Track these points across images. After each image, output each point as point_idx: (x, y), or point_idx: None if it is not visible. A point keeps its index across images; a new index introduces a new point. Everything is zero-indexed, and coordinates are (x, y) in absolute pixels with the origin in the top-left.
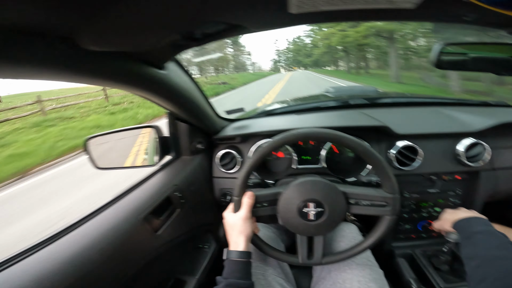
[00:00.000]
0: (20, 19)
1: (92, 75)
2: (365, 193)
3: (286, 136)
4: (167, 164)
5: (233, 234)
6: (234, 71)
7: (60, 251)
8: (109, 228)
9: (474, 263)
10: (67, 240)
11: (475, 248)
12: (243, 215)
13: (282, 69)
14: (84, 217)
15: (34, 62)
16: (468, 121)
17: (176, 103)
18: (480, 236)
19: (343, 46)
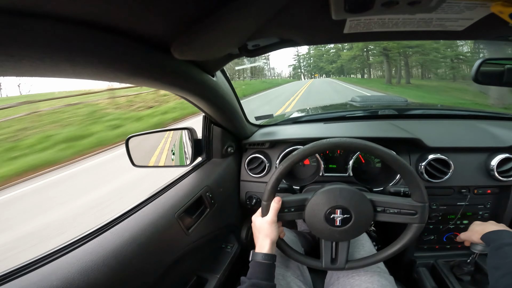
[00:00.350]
0: (129, 23)
1: (164, 80)
2: (394, 201)
3: (317, 145)
4: (199, 165)
5: (259, 237)
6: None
7: (104, 244)
8: (148, 223)
9: (500, 273)
10: (111, 234)
11: (502, 259)
12: (269, 219)
13: (302, 76)
14: (126, 212)
15: (129, 65)
16: (502, 136)
17: (219, 108)
18: (509, 248)
19: (383, 48)
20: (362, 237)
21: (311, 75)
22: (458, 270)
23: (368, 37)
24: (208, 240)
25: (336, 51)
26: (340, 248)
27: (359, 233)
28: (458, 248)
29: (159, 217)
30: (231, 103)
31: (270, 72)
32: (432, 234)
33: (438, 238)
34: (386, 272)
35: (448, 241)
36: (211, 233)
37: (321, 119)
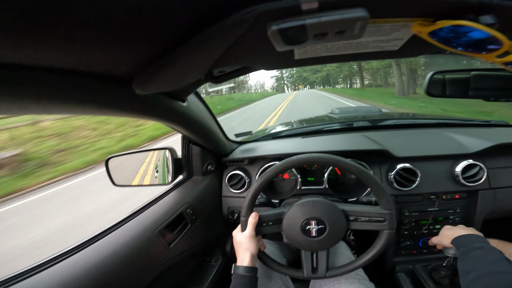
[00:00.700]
0: (94, 66)
1: (134, 112)
2: (363, 210)
3: (288, 161)
4: (179, 183)
5: (240, 251)
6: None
7: (85, 259)
8: (128, 239)
9: (471, 277)
10: (92, 249)
11: (472, 263)
12: (248, 234)
13: (286, 87)
14: (107, 229)
15: (94, 102)
16: (466, 143)
17: (193, 130)
18: (478, 252)
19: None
20: (341, 246)
21: (295, 86)
22: (436, 274)
23: (317, 61)
24: (192, 254)
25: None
26: (319, 258)
27: (335, 241)
28: (435, 252)
29: (139, 233)
30: (206, 124)
31: (248, 86)
32: (408, 240)
33: (414, 243)
34: (366, 278)
35: (424, 245)
36: (194, 247)
37: (299, 133)
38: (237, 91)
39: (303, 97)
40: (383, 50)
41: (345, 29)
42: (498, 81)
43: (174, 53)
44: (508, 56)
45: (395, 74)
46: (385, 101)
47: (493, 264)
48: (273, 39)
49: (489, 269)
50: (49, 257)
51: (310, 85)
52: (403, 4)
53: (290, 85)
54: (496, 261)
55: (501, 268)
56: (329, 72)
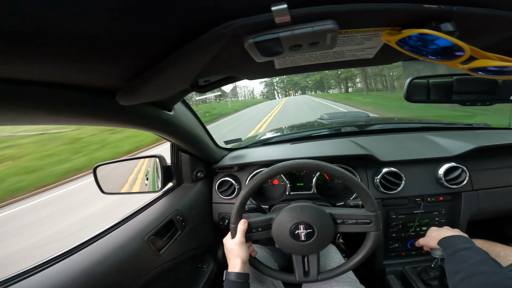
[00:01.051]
0: (81, 79)
1: (120, 121)
2: (350, 213)
3: (274, 168)
4: (169, 190)
5: (231, 258)
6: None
7: (73, 266)
8: (117, 246)
9: (458, 277)
10: (80, 256)
11: (459, 264)
12: (237, 241)
13: (276, 93)
14: (94, 236)
15: (80, 113)
16: (448, 146)
17: (181, 138)
18: (464, 253)
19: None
20: (331, 249)
21: (286, 92)
22: (425, 275)
23: (297, 70)
24: (183, 260)
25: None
26: (310, 261)
27: (325, 245)
28: (423, 254)
29: (128, 240)
30: (194, 132)
31: (236, 92)
32: (396, 242)
33: (402, 245)
34: (356, 281)
35: (412, 247)
36: (185, 253)
37: (289, 139)
38: (223, 99)
39: (294, 105)
40: (359, 58)
41: (318, 41)
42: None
43: (156, 67)
44: (472, 63)
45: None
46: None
47: (479, 264)
48: (250, 51)
49: (475, 270)
50: (35, 264)
51: (302, 90)
52: (370, 15)
53: (281, 91)
54: (482, 261)
55: (487, 269)
56: (323, 75)
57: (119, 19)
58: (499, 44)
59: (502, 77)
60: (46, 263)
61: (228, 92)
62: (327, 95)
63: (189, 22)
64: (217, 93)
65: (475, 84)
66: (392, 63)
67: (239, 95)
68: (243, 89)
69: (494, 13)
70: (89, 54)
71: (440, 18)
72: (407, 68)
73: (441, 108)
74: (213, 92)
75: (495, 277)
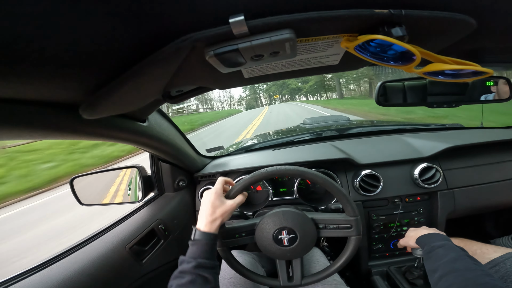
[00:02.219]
0: (38, 94)
1: (87, 134)
2: (331, 218)
3: (256, 174)
4: (150, 200)
5: (212, 216)
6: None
7: (51, 276)
8: (97, 256)
9: (437, 275)
10: (57, 267)
11: (436, 262)
12: (232, 203)
13: (260, 99)
14: (73, 247)
15: (43, 128)
16: (421, 147)
17: (158, 149)
18: (440, 250)
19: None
20: (316, 252)
21: (270, 98)
22: (409, 275)
23: (267, 78)
24: (169, 269)
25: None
26: (294, 266)
27: (308, 249)
28: (406, 253)
29: (108, 250)
30: (172, 142)
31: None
32: (379, 243)
33: (385, 245)
34: (342, 284)
35: (395, 247)
36: (170, 262)
37: (271, 145)
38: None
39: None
40: (325, 65)
41: (278, 50)
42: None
43: (117, 80)
44: (426, 67)
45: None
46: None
47: (455, 262)
48: (213, 63)
49: (452, 267)
50: (13, 275)
51: (292, 94)
52: (324, 23)
53: (264, 95)
54: (457, 258)
55: (463, 266)
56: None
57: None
58: (456, 46)
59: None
60: (22, 275)
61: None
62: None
63: (148, 35)
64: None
65: (447, 86)
66: (357, 69)
67: (215, 101)
68: (222, 94)
69: (443, 16)
70: (41, 69)
71: (392, 23)
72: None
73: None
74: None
75: (470, 274)
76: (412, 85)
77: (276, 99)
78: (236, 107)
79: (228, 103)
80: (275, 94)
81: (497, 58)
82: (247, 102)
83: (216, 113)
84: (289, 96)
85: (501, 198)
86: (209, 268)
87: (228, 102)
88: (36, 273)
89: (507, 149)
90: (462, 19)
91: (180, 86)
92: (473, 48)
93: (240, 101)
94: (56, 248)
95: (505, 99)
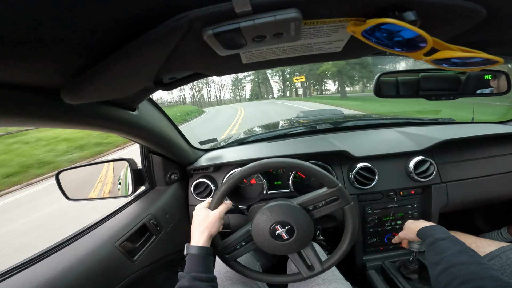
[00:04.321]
0: (12, 77)
1: (69, 122)
2: (314, 195)
3: (226, 183)
4: (141, 194)
5: (198, 229)
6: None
7: (38, 275)
8: (85, 253)
9: (440, 268)
10: (42, 265)
11: (439, 254)
12: (216, 214)
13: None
14: (60, 244)
15: (20, 114)
16: (416, 140)
17: (149, 140)
18: (443, 243)
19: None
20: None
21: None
22: (404, 269)
23: (266, 64)
24: (162, 265)
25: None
26: (308, 255)
27: (310, 235)
28: (400, 248)
29: (97, 247)
30: (164, 133)
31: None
32: (374, 237)
33: (380, 240)
34: (342, 278)
35: (390, 242)
36: (163, 258)
37: (265, 138)
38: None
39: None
40: (327, 52)
41: (282, 31)
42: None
43: (103, 62)
44: (435, 54)
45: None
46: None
47: (458, 255)
48: (211, 44)
49: (455, 260)
50: None
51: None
52: (333, 3)
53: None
54: (461, 252)
55: (466, 259)
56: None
57: (54, 4)
58: (460, 37)
59: (465, 69)
60: (5, 274)
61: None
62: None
63: (139, 12)
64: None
65: (438, 81)
66: (360, 57)
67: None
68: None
69: (453, 3)
70: (15, 49)
71: (402, 7)
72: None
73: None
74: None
75: (475, 267)
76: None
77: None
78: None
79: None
80: (298, 76)
81: (500, 51)
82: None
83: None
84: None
85: (493, 192)
86: (205, 281)
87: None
88: (21, 271)
89: (498, 143)
90: (473, 8)
91: (173, 72)
92: (478, 39)
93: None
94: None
95: (503, 93)
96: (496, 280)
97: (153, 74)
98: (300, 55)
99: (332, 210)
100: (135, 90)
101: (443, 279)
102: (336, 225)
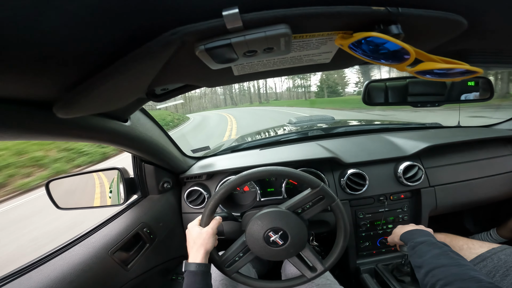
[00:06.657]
0: (4, 91)
1: (62, 135)
2: (300, 198)
3: (213, 199)
4: (134, 203)
5: (194, 247)
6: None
7: (31, 284)
8: (78, 262)
9: (423, 271)
10: (36, 274)
11: (421, 257)
12: (209, 230)
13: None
14: (52, 252)
15: (11, 128)
16: (404, 146)
17: (141, 149)
18: (422, 246)
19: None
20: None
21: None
22: (397, 272)
23: (257, 76)
24: (156, 273)
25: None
26: (307, 257)
27: (303, 237)
28: (392, 251)
29: (90, 256)
30: (156, 142)
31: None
32: (366, 241)
33: (372, 243)
34: (336, 283)
35: (382, 245)
36: (157, 266)
37: (257, 145)
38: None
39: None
40: (317, 63)
41: (272, 46)
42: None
43: (95, 77)
44: (418, 66)
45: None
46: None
47: (438, 257)
48: (203, 58)
49: (436, 263)
50: None
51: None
52: (321, 18)
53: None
54: (440, 254)
55: (447, 261)
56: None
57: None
58: (443, 47)
59: (447, 79)
60: None
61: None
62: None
63: (133, 28)
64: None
65: (426, 86)
66: (348, 67)
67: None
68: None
69: (437, 15)
70: (8, 64)
71: (387, 20)
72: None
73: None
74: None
75: (456, 269)
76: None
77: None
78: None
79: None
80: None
81: (481, 59)
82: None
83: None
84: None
85: (480, 194)
86: None
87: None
88: (14, 280)
89: (484, 147)
90: (455, 19)
91: (166, 83)
92: (459, 48)
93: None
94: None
95: (486, 99)
96: (478, 281)
97: (145, 87)
98: (290, 66)
99: (322, 209)
100: (128, 102)
101: (428, 281)
102: (329, 230)
